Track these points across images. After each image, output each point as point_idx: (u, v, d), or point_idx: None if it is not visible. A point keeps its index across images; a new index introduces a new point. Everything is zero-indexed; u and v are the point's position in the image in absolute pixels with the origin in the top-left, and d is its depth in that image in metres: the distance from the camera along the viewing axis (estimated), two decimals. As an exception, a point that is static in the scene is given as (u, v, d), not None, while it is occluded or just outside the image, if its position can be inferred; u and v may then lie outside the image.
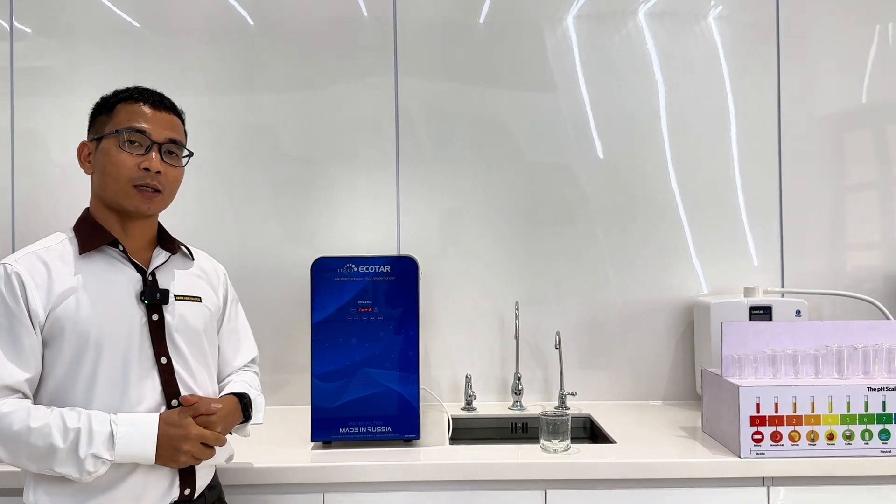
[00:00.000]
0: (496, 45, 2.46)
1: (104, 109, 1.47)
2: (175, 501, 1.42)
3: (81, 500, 1.34)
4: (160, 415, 1.38)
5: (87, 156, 1.47)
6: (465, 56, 2.46)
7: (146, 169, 1.42)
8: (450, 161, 2.46)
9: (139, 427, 1.34)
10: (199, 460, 1.41)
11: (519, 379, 2.36)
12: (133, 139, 1.43)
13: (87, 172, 1.49)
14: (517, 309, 2.34)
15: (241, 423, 1.55)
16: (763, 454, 1.75)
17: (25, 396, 1.34)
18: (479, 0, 2.45)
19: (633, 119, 2.46)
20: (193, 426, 1.38)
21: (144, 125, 1.44)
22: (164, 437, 1.35)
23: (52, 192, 2.40)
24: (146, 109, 1.46)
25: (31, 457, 1.30)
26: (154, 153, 1.44)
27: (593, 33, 2.46)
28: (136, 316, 1.41)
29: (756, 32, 2.46)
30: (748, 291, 2.25)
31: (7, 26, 2.42)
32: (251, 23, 2.45)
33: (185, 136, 1.55)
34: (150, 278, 1.46)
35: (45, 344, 1.36)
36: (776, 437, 1.76)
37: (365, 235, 2.43)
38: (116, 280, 1.42)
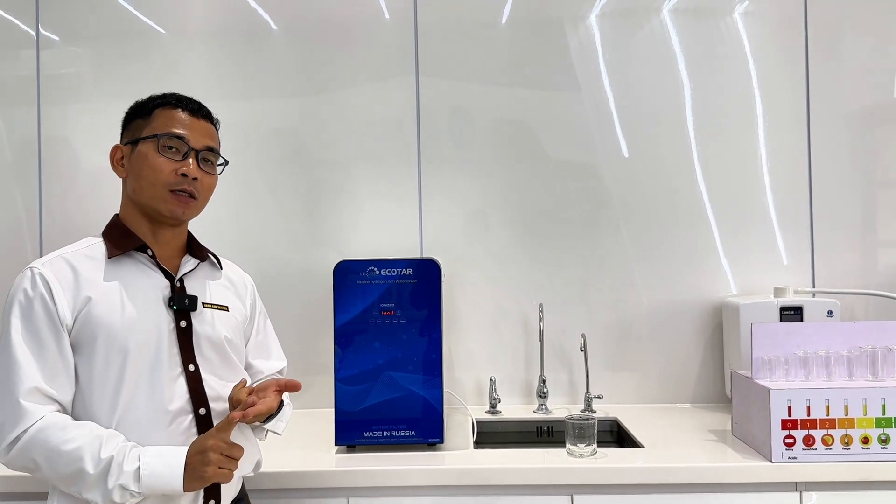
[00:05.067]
0: (518, 45, 2.44)
1: (141, 113, 1.46)
2: None
3: None
4: (192, 444, 1.33)
5: (121, 159, 1.46)
6: (486, 56, 2.44)
7: (183, 175, 1.42)
8: (472, 162, 2.44)
9: (166, 458, 1.30)
10: (227, 474, 1.33)
11: (544, 382, 2.33)
12: (171, 144, 1.43)
13: (119, 176, 1.47)
14: (541, 311, 2.32)
15: (261, 423, 1.50)
16: (795, 458, 1.71)
17: (53, 400, 1.31)
18: (500, 0, 2.44)
19: (659, 117, 2.43)
20: (211, 438, 1.31)
21: (183, 131, 1.44)
22: (189, 466, 1.30)
23: (79, 198, 2.43)
24: (184, 116, 1.46)
25: (63, 477, 1.28)
26: (191, 159, 1.44)
27: (617, 31, 2.43)
28: (165, 322, 1.40)
29: (784, 27, 2.41)
30: (778, 292, 2.21)
31: (34, 34, 2.46)
32: (274, 27, 2.45)
33: (219, 144, 1.55)
34: (178, 284, 1.45)
35: (73, 348, 1.34)
36: (808, 441, 1.71)
37: (387, 238, 2.43)
38: (145, 285, 1.41)
